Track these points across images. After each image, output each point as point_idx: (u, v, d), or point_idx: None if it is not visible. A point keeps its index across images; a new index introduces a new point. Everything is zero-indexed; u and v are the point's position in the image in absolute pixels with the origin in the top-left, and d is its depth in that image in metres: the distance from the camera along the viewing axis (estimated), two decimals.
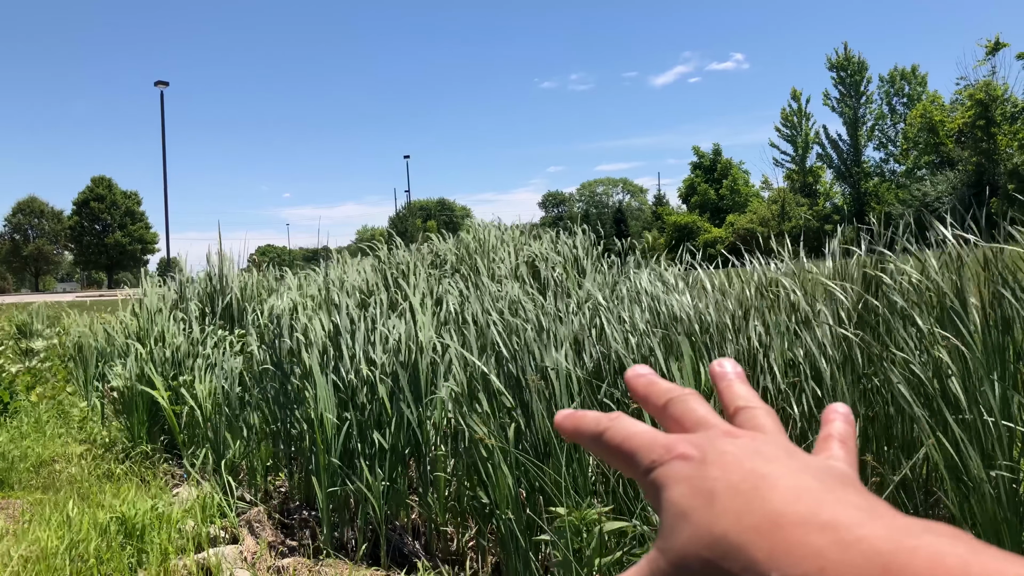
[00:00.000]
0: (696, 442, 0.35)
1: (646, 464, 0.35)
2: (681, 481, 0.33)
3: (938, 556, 0.25)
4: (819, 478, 0.31)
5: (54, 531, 3.47)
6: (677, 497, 0.32)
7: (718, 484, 0.32)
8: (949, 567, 0.25)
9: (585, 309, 3.85)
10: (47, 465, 5.22)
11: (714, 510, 0.31)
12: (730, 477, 0.32)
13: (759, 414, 0.39)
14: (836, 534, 0.27)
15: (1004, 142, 39.82)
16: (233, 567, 3.28)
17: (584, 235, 6.64)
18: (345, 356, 3.85)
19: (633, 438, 0.37)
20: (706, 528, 0.30)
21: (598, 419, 0.39)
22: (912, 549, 0.26)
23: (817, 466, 0.33)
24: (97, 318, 8.10)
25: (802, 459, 0.34)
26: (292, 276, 6.25)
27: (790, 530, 0.28)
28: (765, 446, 0.34)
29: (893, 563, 0.25)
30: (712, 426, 0.37)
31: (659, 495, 0.34)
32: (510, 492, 2.89)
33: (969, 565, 0.25)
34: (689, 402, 0.39)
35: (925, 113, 44.53)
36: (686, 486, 0.32)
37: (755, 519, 0.29)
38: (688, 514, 0.31)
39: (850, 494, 0.30)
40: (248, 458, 4.32)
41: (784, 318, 3.15)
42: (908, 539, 0.26)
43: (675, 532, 0.31)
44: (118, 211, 70.05)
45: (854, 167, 50.02)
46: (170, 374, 5.50)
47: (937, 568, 0.25)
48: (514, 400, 3.04)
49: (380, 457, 3.60)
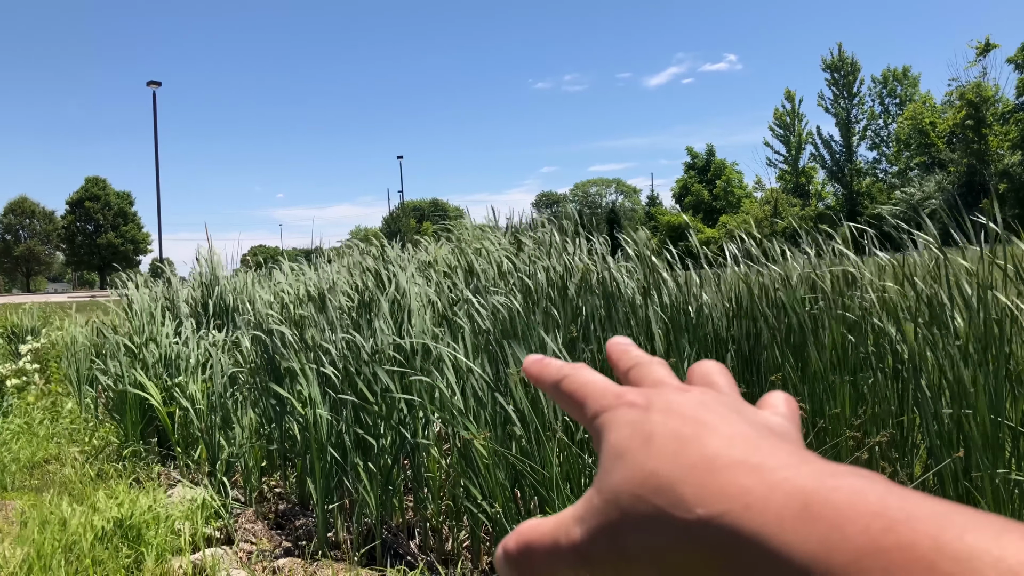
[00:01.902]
0: (645, 392, 0.36)
1: (594, 410, 0.36)
2: (624, 425, 0.34)
3: (858, 493, 0.26)
4: (758, 429, 0.32)
5: (49, 532, 3.46)
6: (616, 439, 0.34)
7: (658, 427, 0.33)
8: (868, 502, 0.26)
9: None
10: (40, 466, 5.21)
11: (650, 450, 0.32)
12: (671, 423, 0.33)
13: (711, 368, 0.40)
14: (762, 475, 0.28)
15: (995, 143, 40.03)
16: (229, 568, 3.28)
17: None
18: (335, 355, 3.85)
19: (587, 386, 0.38)
20: (639, 466, 0.31)
21: (560, 367, 0.40)
22: (833, 488, 0.27)
23: (760, 421, 0.34)
24: (89, 318, 8.08)
25: (747, 413, 0.34)
26: (285, 266, 6.22)
27: (721, 471, 0.29)
28: (712, 401, 0.35)
29: (814, 499, 0.26)
30: (667, 384, 0.38)
31: (601, 438, 0.35)
32: (503, 490, 2.90)
33: (886, 500, 0.26)
34: (652, 366, 0.40)
35: (915, 115, 44.74)
36: (628, 429, 0.34)
37: (689, 459, 0.30)
38: (624, 454, 0.32)
39: (785, 444, 0.31)
40: (242, 459, 4.32)
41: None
42: (830, 479, 0.27)
43: (611, 471, 0.32)
44: (111, 211, 69.82)
45: (847, 167, 50.22)
46: (163, 374, 5.49)
47: (857, 504, 0.26)
48: (503, 397, 3.05)
49: (374, 457, 3.61)
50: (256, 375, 4.59)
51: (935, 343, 2.66)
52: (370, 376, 3.66)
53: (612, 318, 3.40)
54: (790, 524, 0.26)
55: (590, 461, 2.98)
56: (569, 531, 0.33)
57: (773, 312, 3.19)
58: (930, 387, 2.64)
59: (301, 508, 4.25)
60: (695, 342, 3.23)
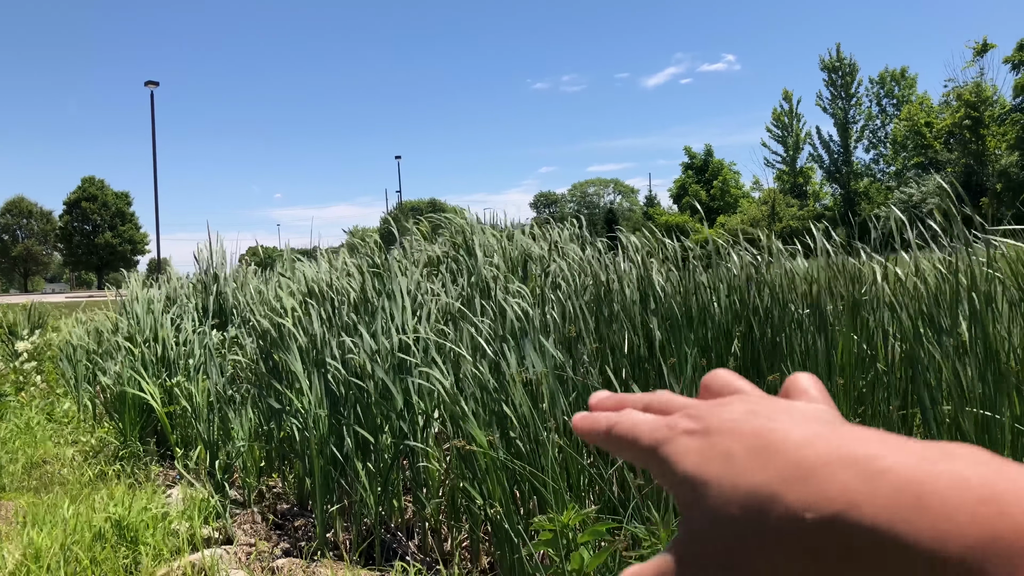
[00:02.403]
0: (694, 415, 0.35)
1: (649, 444, 0.36)
2: (691, 453, 0.33)
3: (962, 479, 0.26)
4: (822, 421, 0.32)
5: (47, 533, 3.46)
6: (691, 468, 0.33)
7: (732, 446, 0.32)
8: (973, 488, 0.25)
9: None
10: (39, 467, 5.21)
11: (735, 470, 0.31)
12: (739, 438, 0.32)
13: (726, 377, 0.40)
14: (858, 468, 0.28)
15: (993, 143, 40.10)
16: (228, 568, 3.28)
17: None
18: (336, 354, 3.85)
19: (637, 425, 0.37)
20: (731, 488, 0.31)
21: (607, 416, 0.40)
22: (936, 474, 0.26)
23: (814, 414, 0.33)
24: (87, 318, 8.07)
25: (797, 409, 0.34)
26: (282, 265, 6.21)
27: (816, 472, 0.29)
28: (757, 406, 0.34)
29: (922, 489, 0.26)
30: (701, 404, 0.37)
31: (670, 470, 0.34)
32: (503, 491, 2.90)
33: (992, 483, 0.25)
34: (668, 395, 0.40)
35: (912, 116, 44.83)
36: (697, 456, 0.33)
37: (778, 468, 0.30)
38: (708, 481, 0.32)
39: (860, 430, 0.31)
40: (241, 459, 4.32)
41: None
42: (930, 465, 0.27)
43: (698, 502, 0.32)
44: (108, 212, 69.73)
45: (844, 168, 50.30)
46: (162, 374, 5.49)
47: (962, 490, 0.25)
48: (504, 398, 3.05)
49: (373, 457, 3.61)
50: (256, 374, 4.59)
51: (938, 341, 2.66)
52: (370, 376, 3.66)
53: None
54: (903, 516, 0.26)
55: (588, 461, 2.99)
56: (678, 572, 0.32)
57: (777, 310, 3.19)
58: (927, 384, 2.64)
59: (300, 508, 4.25)
60: (700, 342, 3.23)
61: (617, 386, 3.10)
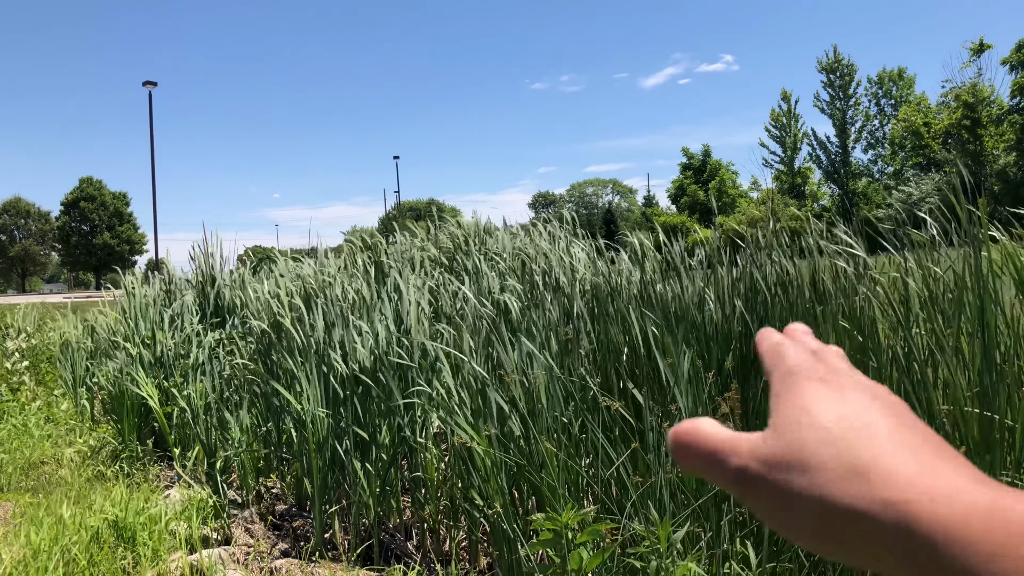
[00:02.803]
0: (835, 371, 0.38)
1: (789, 365, 0.39)
2: (820, 393, 0.36)
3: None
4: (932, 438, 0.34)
5: (45, 533, 3.45)
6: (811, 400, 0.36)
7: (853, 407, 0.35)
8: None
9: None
10: (37, 467, 5.20)
11: (845, 425, 0.34)
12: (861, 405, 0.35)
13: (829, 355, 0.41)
14: (948, 479, 0.30)
15: (990, 144, 40.15)
16: (226, 568, 3.27)
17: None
18: (333, 355, 3.85)
19: (787, 350, 0.40)
20: (834, 435, 0.33)
21: (774, 336, 0.43)
22: (1014, 503, 0.28)
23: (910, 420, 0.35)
24: (85, 319, 8.05)
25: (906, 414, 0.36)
26: (282, 264, 6.19)
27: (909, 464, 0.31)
28: (881, 394, 0.36)
29: (997, 506, 0.28)
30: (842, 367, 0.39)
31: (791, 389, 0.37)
32: (501, 492, 2.90)
33: None
34: (829, 351, 0.42)
35: (910, 116, 44.89)
36: (825, 398, 0.36)
37: (883, 446, 0.32)
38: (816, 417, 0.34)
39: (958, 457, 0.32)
40: (239, 459, 4.31)
41: None
42: (1010, 496, 0.29)
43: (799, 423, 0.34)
44: (106, 212, 69.63)
45: (843, 168, 50.36)
46: (160, 374, 5.48)
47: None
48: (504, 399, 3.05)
49: (372, 458, 3.60)
50: (254, 374, 4.58)
51: (938, 340, 2.66)
52: (369, 375, 3.66)
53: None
54: (975, 524, 0.28)
55: (586, 462, 2.98)
56: (744, 451, 0.35)
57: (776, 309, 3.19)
58: (922, 383, 2.64)
59: (299, 508, 4.24)
60: (697, 341, 3.23)
61: (615, 386, 3.10)
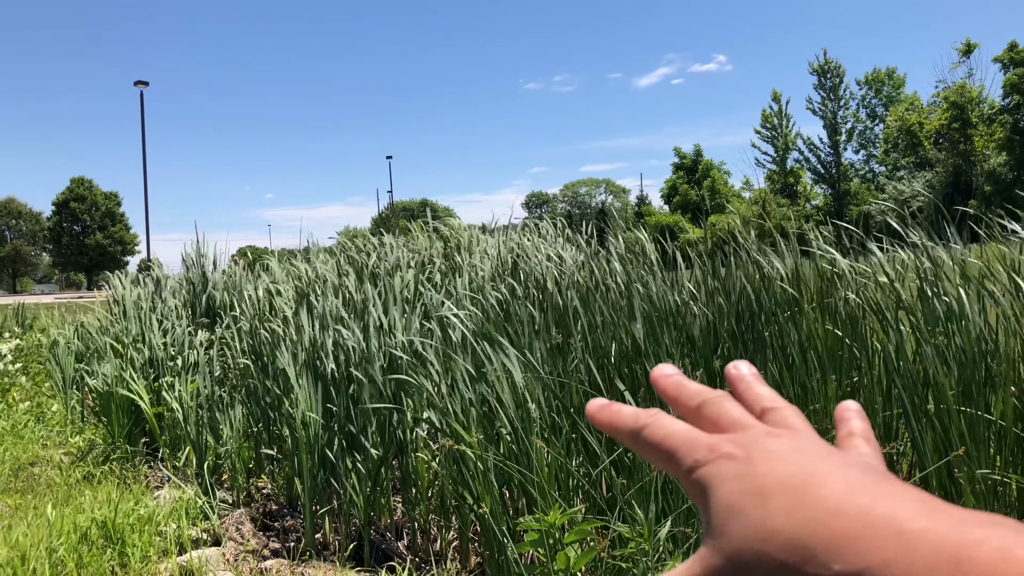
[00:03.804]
0: (739, 442, 0.35)
1: (689, 464, 0.35)
2: (728, 480, 0.33)
3: (1006, 548, 0.25)
4: (865, 472, 0.31)
5: (34, 534, 3.44)
6: (727, 495, 0.32)
7: (768, 481, 0.32)
8: (1018, 556, 0.24)
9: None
10: (26, 468, 5.17)
11: (768, 506, 0.31)
12: (779, 475, 0.32)
13: (788, 414, 0.38)
14: (896, 526, 0.27)
15: (980, 143, 40.34)
16: (216, 569, 3.27)
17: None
18: (324, 356, 3.84)
19: (673, 436, 0.37)
20: (760, 523, 0.30)
21: (636, 415, 0.39)
22: (978, 541, 0.25)
23: (858, 463, 0.33)
24: (75, 319, 8.02)
25: (842, 456, 0.34)
26: (276, 264, 6.18)
27: (849, 523, 0.28)
28: (806, 444, 0.34)
29: (961, 556, 0.25)
30: (750, 427, 0.36)
31: (706, 494, 0.34)
32: (492, 492, 2.90)
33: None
34: (723, 403, 0.39)
35: (902, 116, 45.09)
36: (735, 484, 0.33)
37: (811, 512, 0.29)
38: (740, 511, 0.31)
39: (900, 487, 0.30)
40: (230, 460, 4.30)
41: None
42: (973, 531, 0.26)
43: (727, 529, 0.31)
44: (98, 212, 69.32)
45: (834, 168, 50.55)
46: (150, 375, 5.46)
47: (1008, 559, 0.24)
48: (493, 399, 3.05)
49: (363, 458, 3.60)
50: (245, 375, 4.57)
51: (923, 340, 2.68)
52: (361, 376, 3.65)
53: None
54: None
55: (577, 462, 2.99)
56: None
57: (761, 311, 3.20)
58: (906, 384, 2.66)
59: (289, 509, 4.23)
60: (681, 341, 3.24)
61: (602, 385, 3.11)
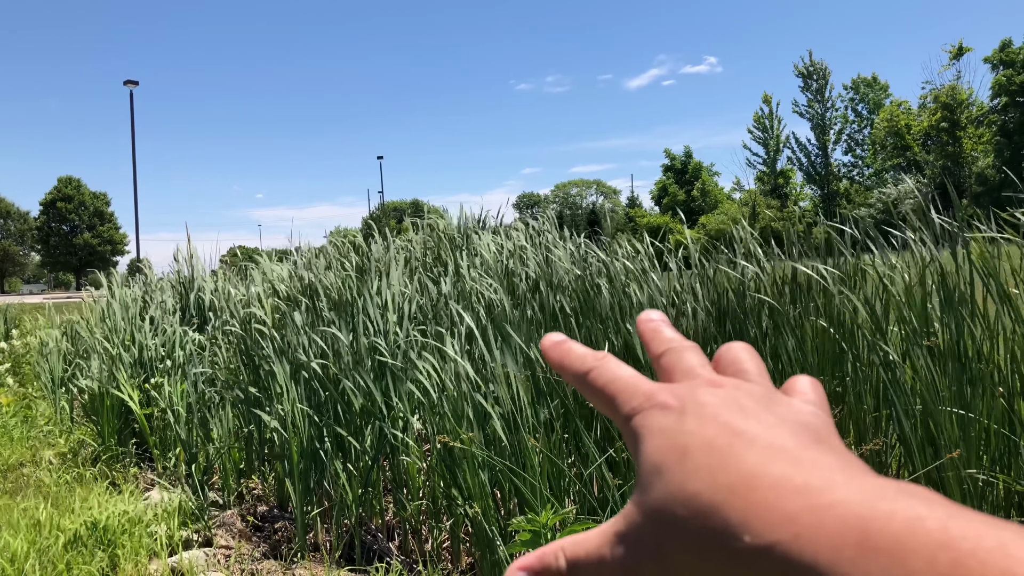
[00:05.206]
0: (677, 392, 0.34)
1: (626, 411, 0.34)
2: (657, 433, 0.32)
3: (917, 520, 0.24)
4: (795, 434, 0.31)
5: (23, 536, 3.42)
6: (652, 450, 0.32)
7: (692, 439, 0.31)
8: (928, 530, 0.24)
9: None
10: (14, 469, 5.14)
11: (687, 467, 0.30)
12: (705, 432, 0.31)
13: (741, 355, 0.38)
14: (809, 498, 0.27)
15: (969, 145, 40.62)
16: (206, 570, 3.26)
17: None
18: (316, 355, 3.84)
19: (616, 381, 0.36)
20: (679, 485, 0.30)
21: (584, 357, 0.38)
22: (889, 514, 0.25)
23: (794, 420, 0.32)
24: (65, 319, 7.98)
25: (780, 410, 0.33)
26: (265, 262, 6.16)
27: (764, 492, 0.27)
28: (745, 397, 0.33)
29: (871, 527, 0.25)
30: (697, 376, 0.36)
31: (636, 444, 0.33)
32: (484, 491, 2.90)
33: (948, 528, 0.24)
34: (684, 352, 0.38)
35: (891, 117, 45.38)
36: (661, 438, 0.32)
37: (729, 478, 0.29)
38: (662, 469, 0.31)
39: (825, 453, 0.29)
40: (221, 460, 4.29)
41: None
42: (883, 503, 0.25)
43: (650, 487, 0.31)
44: (86, 212, 68.95)
45: (823, 170, 50.82)
46: (140, 375, 5.44)
47: (916, 532, 0.24)
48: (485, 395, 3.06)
49: (354, 458, 3.60)
50: (235, 376, 4.56)
51: (912, 342, 2.69)
52: (351, 376, 3.65)
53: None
54: (847, 556, 0.24)
55: (569, 463, 2.99)
56: (614, 548, 0.32)
57: (753, 312, 3.21)
58: (897, 384, 2.67)
59: (280, 510, 4.22)
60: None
61: None
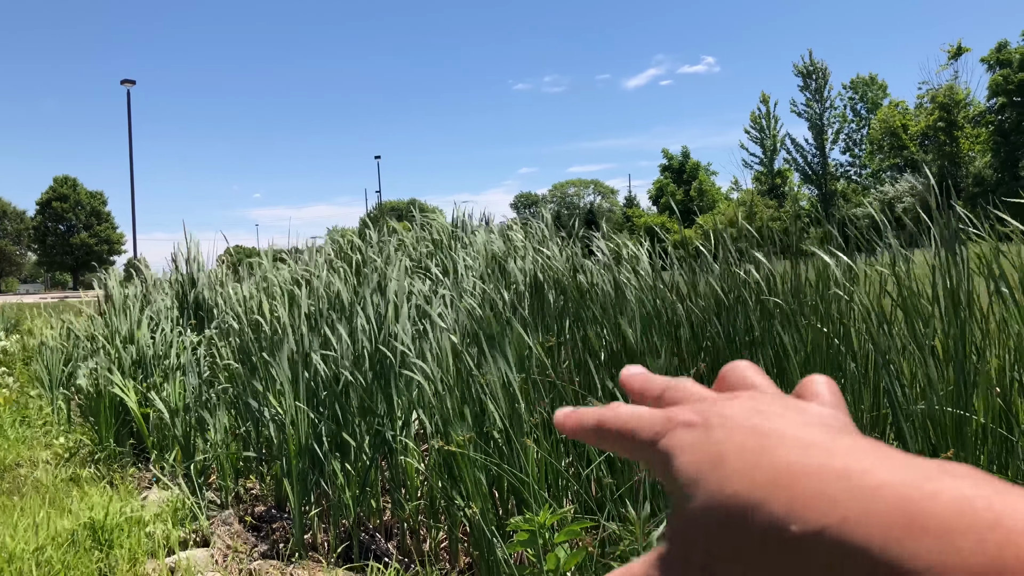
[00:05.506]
0: (696, 409, 0.34)
1: (649, 438, 0.34)
2: (687, 448, 0.32)
3: (963, 499, 0.24)
4: (823, 427, 0.31)
5: (20, 536, 3.41)
6: (685, 466, 0.32)
7: (724, 446, 0.31)
8: (976, 509, 0.24)
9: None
10: (11, 470, 5.14)
11: (723, 472, 0.30)
12: (735, 438, 0.31)
13: (747, 372, 0.38)
14: (852, 482, 0.26)
15: (966, 145, 40.70)
16: (204, 570, 3.25)
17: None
18: (312, 355, 3.84)
19: (632, 418, 0.36)
20: (718, 489, 0.29)
21: (593, 412, 0.39)
22: (934, 493, 0.25)
23: (818, 417, 0.32)
24: (62, 319, 7.97)
25: (801, 411, 0.33)
26: (265, 262, 6.16)
27: (805, 481, 0.27)
28: (763, 403, 0.33)
29: (916, 510, 0.24)
30: (707, 397, 0.36)
31: (667, 465, 0.33)
32: (482, 491, 2.90)
33: (995, 507, 0.24)
34: (685, 383, 0.38)
35: (887, 118, 45.48)
36: (692, 453, 0.32)
37: (768, 474, 0.29)
38: (698, 480, 0.31)
39: (859, 440, 0.29)
40: (218, 461, 4.29)
41: None
42: (928, 483, 0.25)
43: (688, 500, 0.31)
44: (83, 211, 68.85)
45: (820, 169, 50.90)
46: (139, 375, 5.43)
47: (964, 511, 0.24)
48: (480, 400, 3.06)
49: (351, 458, 3.60)
50: (233, 376, 4.56)
51: (911, 339, 2.70)
52: (349, 375, 3.65)
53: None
54: (897, 537, 0.24)
55: (566, 462, 3.00)
56: (662, 573, 0.31)
57: (752, 312, 3.22)
58: (892, 381, 2.68)
59: (278, 510, 4.22)
60: (668, 340, 3.25)
61: (596, 380, 3.12)
